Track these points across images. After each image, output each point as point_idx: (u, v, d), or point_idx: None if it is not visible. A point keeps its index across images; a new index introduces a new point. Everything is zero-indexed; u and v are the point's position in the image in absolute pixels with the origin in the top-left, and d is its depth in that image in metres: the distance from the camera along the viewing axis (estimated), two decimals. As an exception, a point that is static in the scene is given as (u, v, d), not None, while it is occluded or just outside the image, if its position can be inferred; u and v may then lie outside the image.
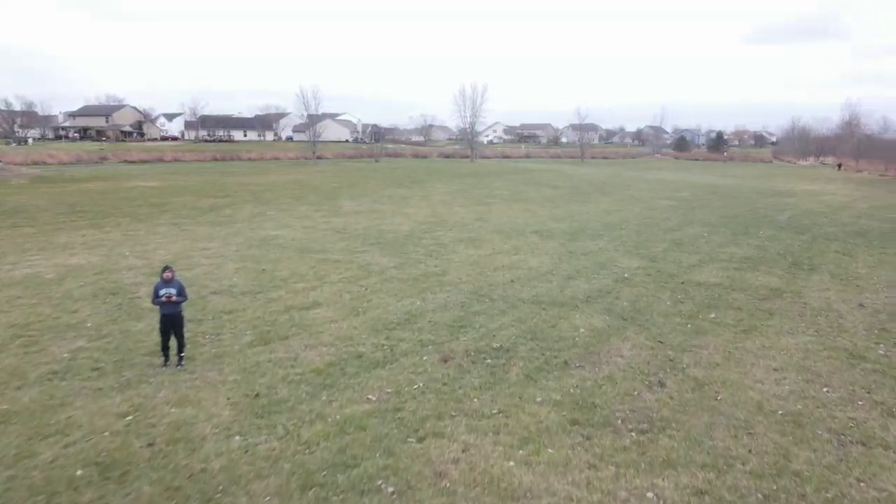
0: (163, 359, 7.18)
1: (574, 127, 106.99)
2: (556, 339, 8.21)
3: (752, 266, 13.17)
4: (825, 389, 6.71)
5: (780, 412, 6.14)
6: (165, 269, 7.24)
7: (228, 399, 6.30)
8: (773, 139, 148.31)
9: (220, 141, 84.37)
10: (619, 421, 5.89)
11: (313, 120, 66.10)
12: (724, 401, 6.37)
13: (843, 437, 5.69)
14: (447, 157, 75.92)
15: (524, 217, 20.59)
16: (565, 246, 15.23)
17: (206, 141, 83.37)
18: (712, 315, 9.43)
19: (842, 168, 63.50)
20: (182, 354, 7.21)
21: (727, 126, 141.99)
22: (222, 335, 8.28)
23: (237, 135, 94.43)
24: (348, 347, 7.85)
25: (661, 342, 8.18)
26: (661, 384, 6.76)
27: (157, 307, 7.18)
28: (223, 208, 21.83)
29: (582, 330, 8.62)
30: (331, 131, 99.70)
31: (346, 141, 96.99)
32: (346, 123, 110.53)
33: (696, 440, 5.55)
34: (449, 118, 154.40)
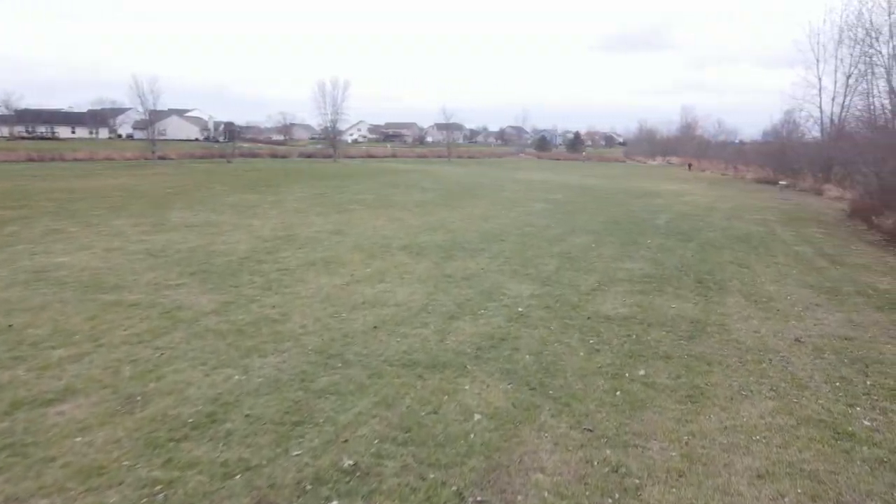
0: None
1: (439, 126, 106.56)
2: (442, 441, 5.40)
3: (656, 287, 11.27)
4: (844, 514, 4.47)
5: (812, 584, 3.76)
6: None
7: None
8: (621, 140, 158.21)
9: (42, 139, 73.31)
10: None
11: (155, 116, 59.06)
12: (723, 567, 3.89)
13: None
14: (308, 156, 71.46)
15: (391, 228, 17.73)
16: (441, 267, 12.56)
17: (23, 138, 72.06)
18: (641, 371, 7.11)
19: (691, 168, 67.38)
20: None
21: (580, 127, 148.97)
22: None
23: (64, 132, 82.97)
24: (85, 497, 4.51)
25: (590, 430, 5.65)
26: (616, 534, 4.18)
27: None
28: (7, 224, 16.92)
29: (477, 416, 5.89)
30: (178, 129, 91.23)
31: (196, 140, 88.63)
32: (196, 120, 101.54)
33: None
34: (309, 116, 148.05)
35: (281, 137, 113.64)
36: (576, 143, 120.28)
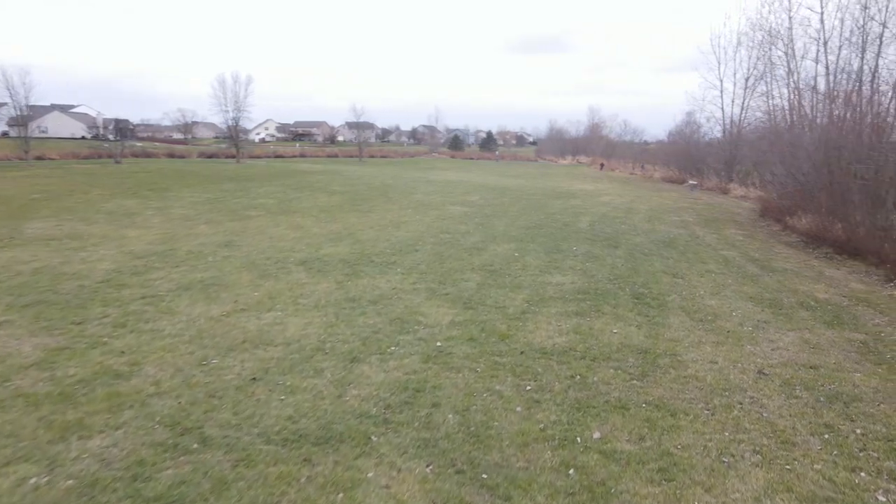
0: None
1: (350, 125, 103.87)
2: (330, 588, 3.61)
3: (593, 306, 9.91)
4: None
5: None
6: None
7: None
8: (531, 139, 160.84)
9: None
10: None
11: (33, 112, 53.20)
12: None
13: None
14: (210, 157, 66.90)
15: (291, 237, 15.62)
16: (344, 287, 10.69)
17: None
18: (595, 434, 5.59)
19: (603, 168, 68.49)
20: None
21: (491, 127, 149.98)
22: None
23: (-79, 129, 73.44)
24: None
25: (542, 545, 4.03)
26: None
27: None
28: None
29: (384, 531, 4.13)
30: (61, 126, 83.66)
31: (83, 138, 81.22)
32: (82, 117, 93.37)
33: None
34: (210, 113, 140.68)
35: (182, 136, 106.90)
36: (489, 142, 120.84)
